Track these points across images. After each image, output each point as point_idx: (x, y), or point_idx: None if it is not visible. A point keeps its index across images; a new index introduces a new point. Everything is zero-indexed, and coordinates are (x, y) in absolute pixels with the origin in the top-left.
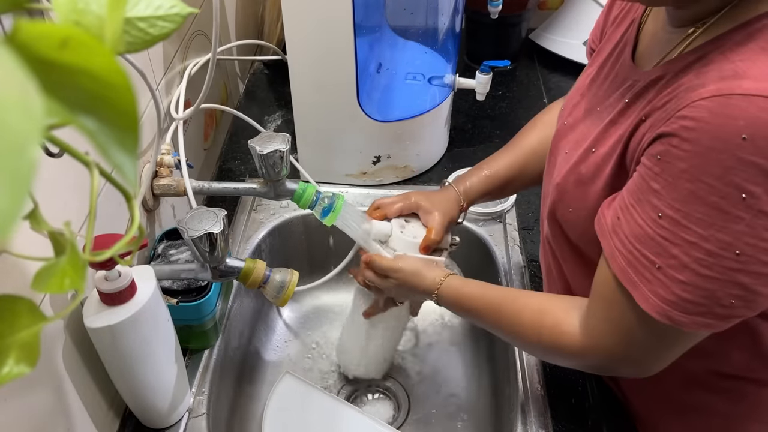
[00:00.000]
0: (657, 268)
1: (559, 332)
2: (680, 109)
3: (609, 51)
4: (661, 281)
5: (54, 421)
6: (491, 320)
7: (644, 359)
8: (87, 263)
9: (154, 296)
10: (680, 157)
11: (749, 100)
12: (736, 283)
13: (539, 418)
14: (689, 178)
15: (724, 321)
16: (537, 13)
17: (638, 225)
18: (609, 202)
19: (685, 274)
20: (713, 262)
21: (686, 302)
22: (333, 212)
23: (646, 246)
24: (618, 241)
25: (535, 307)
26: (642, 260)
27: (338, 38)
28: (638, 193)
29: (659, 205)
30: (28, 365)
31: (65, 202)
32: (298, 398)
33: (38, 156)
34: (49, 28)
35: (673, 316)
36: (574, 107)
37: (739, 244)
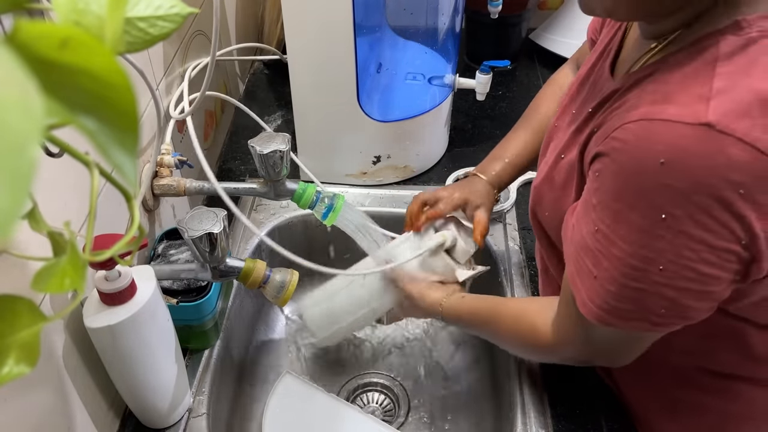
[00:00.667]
0: (594, 277)
1: (535, 332)
2: (615, 129)
3: (599, 53)
4: (596, 290)
5: (54, 421)
6: (485, 332)
7: (609, 352)
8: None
9: (154, 296)
10: (608, 177)
11: (670, 125)
12: (663, 296)
13: (539, 418)
14: (615, 197)
15: (662, 326)
16: (537, 13)
17: (582, 235)
18: (572, 210)
19: (615, 286)
20: (640, 275)
21: (619, 309)
22: (333, 212)
23: (587, 255)
24: (572, 248)
25: (513, 313)
26: (583, 267)
27: (338, 38)
28: (583, 205)
29: (595, 219)
30: (28, 365)
31: (65, 202)
32: (298, 398)
33: (38, 156)
34: (49, 28)
35: (609, 320)
36: (564, 108)
37: (662, 261)
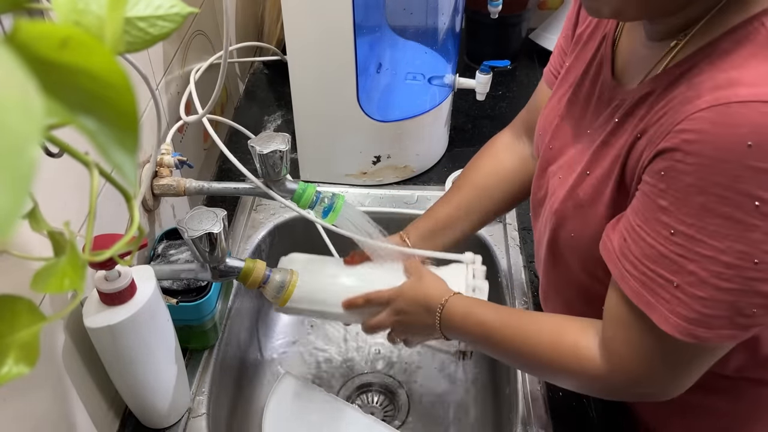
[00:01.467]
0: (675, 286)
1: (578, 353)
2: (678, 123)
3: (583, 69)
4: (681, 300)
5: (54, 421)
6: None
7: (667, 380)
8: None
9: (154, 296)
10: (686, 171)
11: (749, 106)
12: (757, 291)
13: (539, 419)
14: (698, 191)
15: (746, 330)
16: (537, 13)
17: (649, 245)
18: (613, 225)
19: (705, 290)
20: (733, 274)
21: (709, 317)
22: (333, 212)
23: (661, 265)
24: (628, 264)
25: (553, 328)
26: (657, 280)
27: (338, 38)
28: (645, 212)
29: (670, 221)
30: (27, 365)
31: (65, 202)
32: (298, 398)
33: (38, 156)
34: (49, 28)
35: (697, 333)
36: (556, 130)
37: (757, 252)
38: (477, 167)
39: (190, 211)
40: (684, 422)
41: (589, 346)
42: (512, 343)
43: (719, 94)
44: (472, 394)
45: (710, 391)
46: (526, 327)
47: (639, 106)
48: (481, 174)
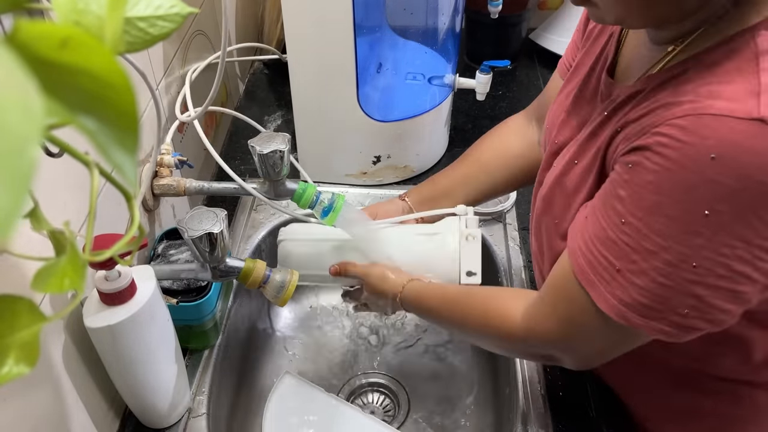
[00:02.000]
0: (616, 270)
1: (503, 317)
2: (656, 126)
3: (590, 66)
4: (620, 283)
5: (54, 421)
6: (445, 315)
7: (584, 351)
8: (87, 263)
9: (154, 296)
10: (649, 169)
11: (720, 120)
12: (692, 294)
13: (539, 418)
14: (654, 191)
15: (681, 331)
16: (537, 13)
17: (602, 228)
18: (585, 207)
19: (643, 280)
20: (670, 272)
21: (642, 306)
22: (333, 212)
23: (608, 248)
24: (581, 241)
25: (484, 298)
26: (602, 261)
27: (338, 38)
28: (605, 197)
29: (623, 211)
30: (27, 365)
31: (65, 202)
32: (298, 398)
33: (38, 156)
34: (49, 28)
35: (629, 317)
36: (562, 125)
37: (697, 258)
38: (483, 145)
39: (190, 211)
40: (680, 424)
41: (515, 309)
42: (451, 318)
43: (697, 104)
44: (473, 393)
45: (704, 393)
46: (461, 302)
47: (627, 103)
48: (486, 152)
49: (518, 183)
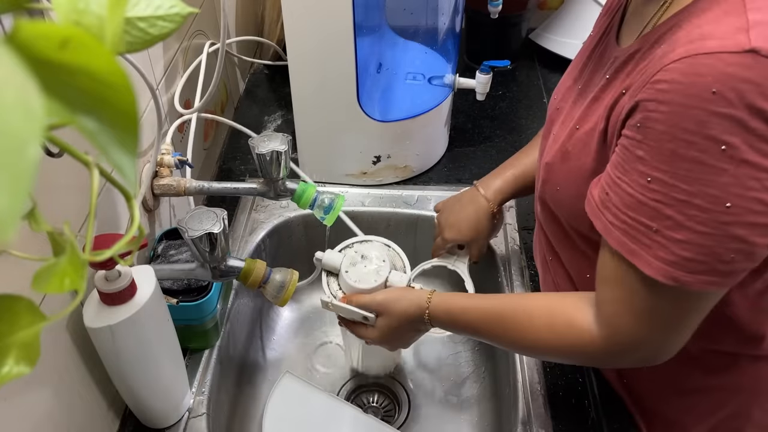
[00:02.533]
0: (654, 231)
1: (575, 329)
2: (654, 74)
3: (597, 39)
4: (661, 243)
5: (54, 420)
6: (495, 332)
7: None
8: (87, 263)
9: (154, 296)
10: (658, 120)
11: (715, 57)
12: (733, 236)
13: (539, 418)
14: (669, 138)
15: (728, 277)
16: (537, 13)
17: (628, 194)
18: (595, 183)
19: (683, 233)
20: (707, 218)
21: (688, 261)
22: (333, 212)
23: (640, 212)
24: (610, 215)
25: (544, 310)
26: (638, 227)
27: (338, 38)
28: (623, 164)
29: (646, 170)
30: (28, 365)
31: (65, 202)
32: (298, 398)
33: (38, 156)
34: (49, 28)
35: (677, 276)
36: (566, 91)
37: (728, 196)
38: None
39: (190, 211)
40: (684, 401)
41: (584, 317)
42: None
43: (690, 46)
44: (473, 393)
45: (709, 371)
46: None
47: (627, 63)
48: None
49: None
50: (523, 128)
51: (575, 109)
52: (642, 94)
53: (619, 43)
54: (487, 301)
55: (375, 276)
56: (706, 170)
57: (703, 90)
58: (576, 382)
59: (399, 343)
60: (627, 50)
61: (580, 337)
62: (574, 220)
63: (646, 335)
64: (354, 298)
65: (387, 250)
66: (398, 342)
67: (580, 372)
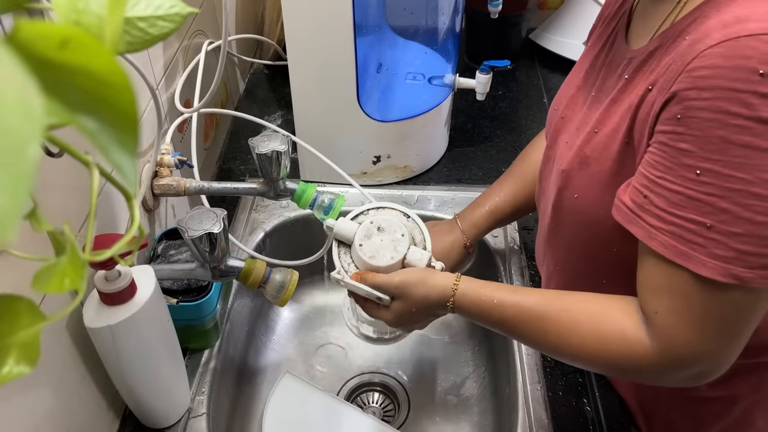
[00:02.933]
0: (708, 228)
1: (626, 342)
2: (688, 63)
3: (601, 46)
4: (716, 240)
5: (54, 420)
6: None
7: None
8: (87, 263)
9: (154, 296)
10: (703, 108)
11: (758, 38)
12: None
13: (539, 418)
14: (718, 125)
15: None
16: (537, 13)
17: (674, 192)
18: (624, 189)
19: (741, 226)
20: (766, 206)
21: (747, 255)
22: (333, 212)
23: (691, 210)
24: (653, 218)
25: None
26: (688, 226)
27: (338, 38)
28: (665, 161)
29: (694, 162)
30: (28, 365)
31: (65, 202)
32: (298, 398)
33: (38, 156)
34: (49, 28)
35: (737, 272)
36: (570, 99)
37: None
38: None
39: (190, 211)
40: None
41: (636, 329)
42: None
43: (728, 30)
44: (473, 393)
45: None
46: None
47: (648, 61)
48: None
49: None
50: (523, 128)
51: (590, 114)
52: (678, 85)
53: (630, 45)
54: (526, 297)
55: (392, 252)
56: (761, 155)
57: (750, 72)
58: (576, 382)
59: (413, 326)
60: (645, 49)
61: (632, 350)
62: (593, 228)
63: (706, 346)
64: (369, 277)
65: (406, 221)
66: (413, 325)
67: (581, 372)
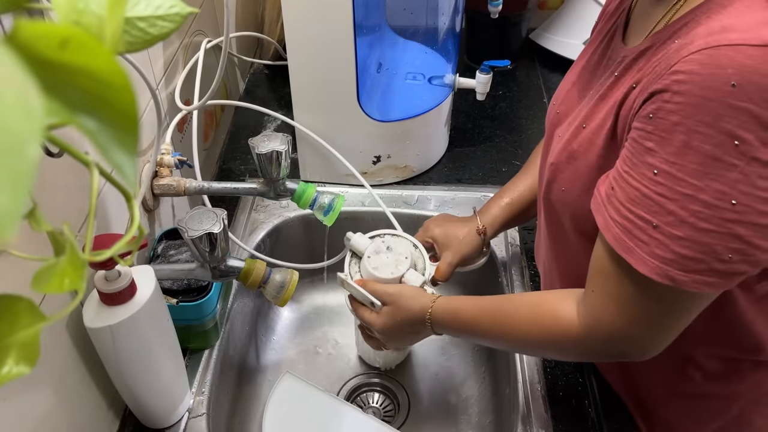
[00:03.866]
0: (654, 227)
1: (557, 319)
2: (671, 66)
3: (598, 42)
4: (659, 240)
5: (54, 421)
6: (488, 326)
7: (644, 334)
8: (86, 263)
9: (154, 296)
10: (672, 111)
11: (736, 49)
12: (734, 235)
13: (539, 418)
14: (682, 130)
15: (724, 279)
16: (537, 13)
17: (633, 187)
18: (603, 179)
19: (683, 230)
20: (711, 214)
21: (685, 259)
22: (333, 212)
23: (642, 206)
24: (612, 210)
25: (531, 302)
26: (638, 222)
27: (338, 38)
28: (632, 157)
29: (654, 162)
30: (27, 365)
31: (65, 202)
32: (298, 398)
33: (38, 156)
34: (49, 28)
35: (672, 275)
36: (566, 95)
37: (735, 193)
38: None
39: (190, 211)
40: (685, 405)
41: (568, 309)
42: (496, 327)
43: (711, 38)
44: (473, 393)
45: (711, 376)
46: (504, 309)
47: (638, 60)
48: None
49: None
50: (523, 128)
51: (581, 110)
52: (657, 85)
53: (627, 43)
54: (484, 299)
55: (393, 268)
56: (716, 165)
57: (722, 82)
58: (576, 382)
59: (395, 339)
60: (637, 48)
61: (561, 327)
62: (579, 221)
63: (629, 330)
64: (369, 284)
65: (413, 250)
66: (395, 338)
67: (581, 372)
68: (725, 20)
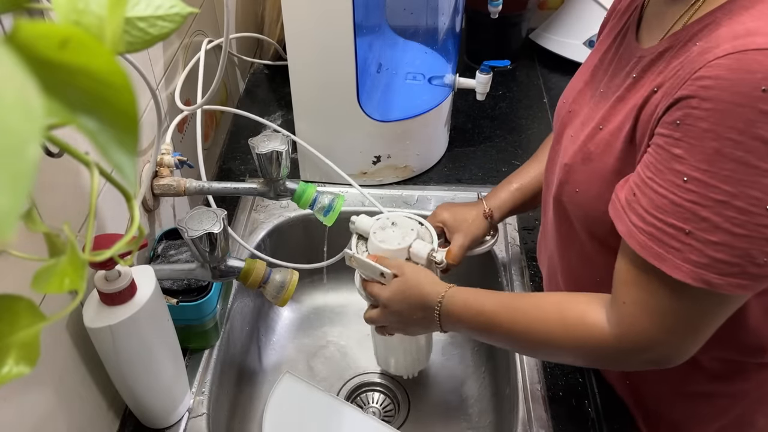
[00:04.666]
0: (686, 233)
1: (586, 325)
2: (696, 71)
3: (611, 40)
4: (692, 246)
5: (54, 421)
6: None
7: (677, 341)
8: (87, 263)
9: (154, 296)
10: (701, 117)
11: (765, 54)
12: None
13: (539, 419)
14: (713, 137)
15: (757, 281)
16: (537, 13)
17: (660, 195)
18: (622, 184)
19: (718, 235)
20: (746, 220)
21: (720, 263)
22: (333, 212)
23: (672, 214)
24: (636, 217)
25: (556, 302)
26: (668, 230)
27: (338, 38)
28: (657, 164)
29: (683, 169)
30: (27, 365)
31: (65, 202)
32: (298, 398)
33: (38, 156)
34: (49, 28)
35: (708, 278)
36: (578, 94)
37: None
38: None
39: (190, 211)
40: (687, 405)
41: (597, 315)
42: (516, 325)
43: (737, 42)
44: (473, 393)
45: (715, 376)
46: (528, 307)
47: (657, 62)
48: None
49: None
50: (523, 128)
51: (596, 110)
52: (683, 90)
53: (640, 42)
54: (501, 293)
55: (400, 240)
56: (750, 171)
57: (752, 87)
58: (576, 382)
59: (399, 316)
60: (655, 49)
61: (591, 334)
62: (592, 224)
63: (661, 337)
64: (381, 258)
65: (419, 227)
66: (399, 315)
67: (581, 372)
68: (749, 23)
